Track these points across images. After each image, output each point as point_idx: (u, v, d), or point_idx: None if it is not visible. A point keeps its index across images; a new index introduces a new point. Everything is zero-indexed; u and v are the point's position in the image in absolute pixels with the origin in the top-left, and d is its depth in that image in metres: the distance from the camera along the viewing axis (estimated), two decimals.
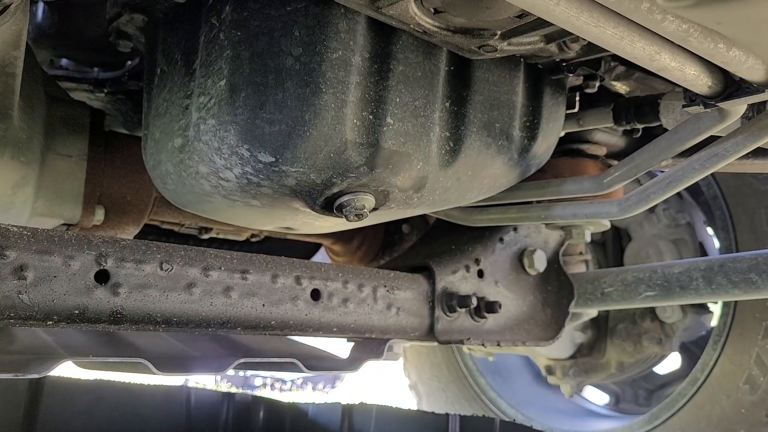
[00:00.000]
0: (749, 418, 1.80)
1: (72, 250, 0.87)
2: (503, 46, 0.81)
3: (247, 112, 0.76)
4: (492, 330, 1.42)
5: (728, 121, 0.92)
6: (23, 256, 0.84)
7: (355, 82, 0.79)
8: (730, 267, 1.39)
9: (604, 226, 1.48)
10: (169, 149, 0.88)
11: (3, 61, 0.86)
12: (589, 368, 2.25)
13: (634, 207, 1.16)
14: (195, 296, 0.96)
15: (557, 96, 1.02)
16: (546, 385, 2.55)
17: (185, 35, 0.86)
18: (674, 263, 1.52)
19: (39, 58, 1.28)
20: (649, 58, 0.67)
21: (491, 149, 0.94)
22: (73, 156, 1.15)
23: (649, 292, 1.53)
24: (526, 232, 1.55)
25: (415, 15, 0.73)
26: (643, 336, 2.18)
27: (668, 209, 2.23)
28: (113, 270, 0.90)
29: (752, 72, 0.70)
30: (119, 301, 0.90)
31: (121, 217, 1.26)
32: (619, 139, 1.52)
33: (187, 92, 0.84)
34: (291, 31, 0.76)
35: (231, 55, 0.77)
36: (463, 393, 2.56)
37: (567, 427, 2.34)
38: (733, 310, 1.87)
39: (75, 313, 0.87)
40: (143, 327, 0.92)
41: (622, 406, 2.57)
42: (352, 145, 0.80)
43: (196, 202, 0.95)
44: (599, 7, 0.59)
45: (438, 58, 0.87)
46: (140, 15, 0.93)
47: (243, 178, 0.82)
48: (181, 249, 0.97)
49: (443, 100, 0.88)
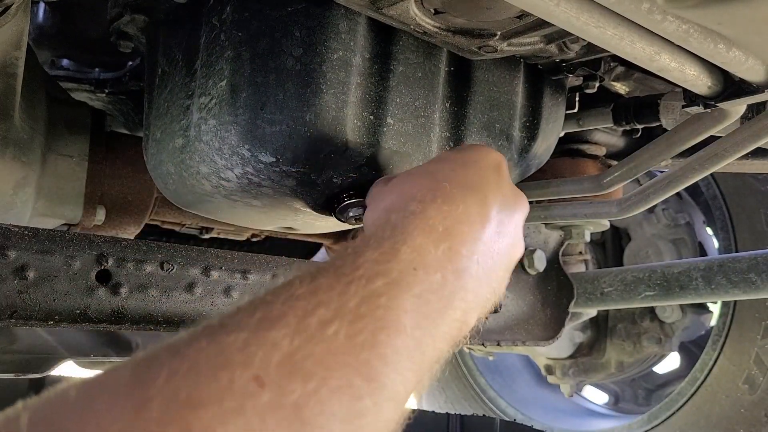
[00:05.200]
0: (749, 417, 1.81)
1: (73, 250, 0.87)
2: (503, 46, 0.81)
3: (247, 113, 0.77)
4: (492, 329, 1.43)
5: (728, 121, 0.93)
6: (24, 256, 0.84)
7: (355, 83, 0.79)
8: (729, 267, 1.40)
9: (603, 226, 1.48)
10: (170, 149, 0.88)
11: (4, 61, 0.86)
12: (588, 368, 2.26)
13: (633, 207, 1.16)
14: (196, 296, 0.96)
15: (557, 96, 1.03)
16: (546, 385, 2.55)
17: (186, 36, 0.87)
18: (674, 263, 1.52)
19: (40, 59, 1.28)
20: (649, 58, 0.68)
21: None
22: (75, 156, 1.15)
23: (649, 292, 1.53)
24: (526, 232, 1.56)
25: (415, 15, 0.74)
26: (643, 336, 2.18)
27: (668, 209, 2.23)
28: (114, 270, 0.90)
29: (752, 72, 0.71)
30: (120, 300, 0.90)
31: (122, 217, 1.26)
32: (619, 140, 1.53)
33: (188, 93, 0.85)
34: (291, 31, 0.76)
35: (232, 56, 0.77)
36: (462, 392, 2.56)
37: (566, 426, 2.34)
38: (733, 310, 1.88)
39: (76, 313, 0.87)
40: (144, 327, 0.92)
41: (621, 406, 2.58)
42: (353, 146, 0.80)
43: (197, 202, 0.95)
44: (599, 8, 0.60)
45: (438, 58, 0.87)
46: (141, 15, 0.93)
47: (244, 178, 0.83)
48: (182, 249, 0.97)
49: (443, 101, 0.89)
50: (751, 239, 1.88)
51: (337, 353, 0.40)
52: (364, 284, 0.46)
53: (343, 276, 0.46)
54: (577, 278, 1.62)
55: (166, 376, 0.35)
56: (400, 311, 0.46)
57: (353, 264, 0.48)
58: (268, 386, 0.36)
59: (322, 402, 0.38)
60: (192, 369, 0.35)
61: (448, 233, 0.56)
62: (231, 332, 0.38)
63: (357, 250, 0.50)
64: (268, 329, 0.39)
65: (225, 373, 0.35)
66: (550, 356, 2.24)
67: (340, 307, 0.43)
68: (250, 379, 0.36)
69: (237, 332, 0.38)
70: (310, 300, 0.42)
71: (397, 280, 0.48)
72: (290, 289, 0.44)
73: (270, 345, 0.38)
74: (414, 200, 0.58)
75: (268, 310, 0.41)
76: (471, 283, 0.56)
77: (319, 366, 0.39)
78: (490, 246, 0.60)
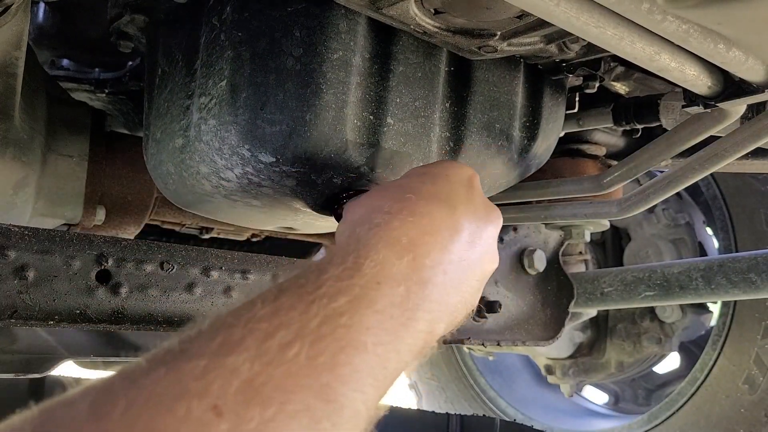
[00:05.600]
0: (748, 417, 1.81)
1: (73, 250, 0.87)
2: (503, 46, 0.81)
3: (247, 113, 0.77)
4: (492, 329, 1.43)
5: (728, 122, 0.93)
6: (24, 256, 0.84)
7: (355, 83, 0.79)
8: (729, 267, 1.40)
9: (603, 226, 1.48)
10: (170, 149, 0.88)
11: (4, 61, 0.86)
12: (588, 368, 2.26)
13: (633, 207, 1.16)
14: (196, 296, 0.96)
15: (557, 96, 1.03)
16: (545, 385, 2.55)
17: (186, 36, 0.87)
18: (674, 263, 1.52)
19: (40, 59, 1.28)
20: (649, 58, 0.68)
21: (491, 149, 0.94)
22: (75, 156, 1.15)
23: (649, 292, 1.53)
24: (526, 232, 1.56)
25: (415, 15, 0.74)
26: (643, 336, 2.18)
27: (667, 209, 2.23)
28: (114, 270, 0.90)
29: (752, 72, 0.71)
30: (120, 300, 0.90)
31: (122, 217, 1.26)
32: (619, 140, 1.53)
33: (188, 93, 0.85)
34: (291, 31, 0.76)
35: (232, 56, 0.77)
36: (462, 392, 2.56)
37: (566, 426, 2.34)
38: (733, 310, 1.88)
39: (76, 313, 0.87)
40: (144, 327, 0.92)
41: (621, 406, 2.58)
42: (353, 146, 0.80)
43: (197, 202, 0.95)
44: (599, 8, 0.60)
45: (438, 58, 0.87)
46: (141, 16, 0.93)
47: (244, 178, 0.83)
48: (182, 249, 0.97)
49: (443, 101, 0.89)
50: (751, 239, 1.88)
51: (297, 376, 0.40)
52: (326, 303, 0.45)
53: (306, 295, 0.46)
54: (577, 278, 1.62)
55: (123, 408, 0.34)
56: (361, 329, 0.46)
57: (316, 282, 0.47)
58: (225, 415, 0.36)
59: (280, 428, 0.37)
60: (149, 400, 0.35)
61: (412, 244, 0.56)
62: (191, 359, 0.38)
63: (320, 267, 0.50)
64: (227, 354, 0.39)
65: (182, 404, 0.35)
66: (550, 356, 2.24)
67: (302, 328, 0.43)
68: (207, 409, 0.35)
69: (197, 359, 0.38)
70: (272, 321, 0.42)
71: (360, 296, 0.48)
72: (252, 310, 0.43)
73: (229, 372, 0.38)
74: (379, 212, 0.59)
75: (229, 333, 0.41)
76: (436, 293, 0.55)
77: (278, 391, 0.39)
78: (459, 256, 0.60)
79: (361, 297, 0.48)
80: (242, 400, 0.37)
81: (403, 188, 0.63)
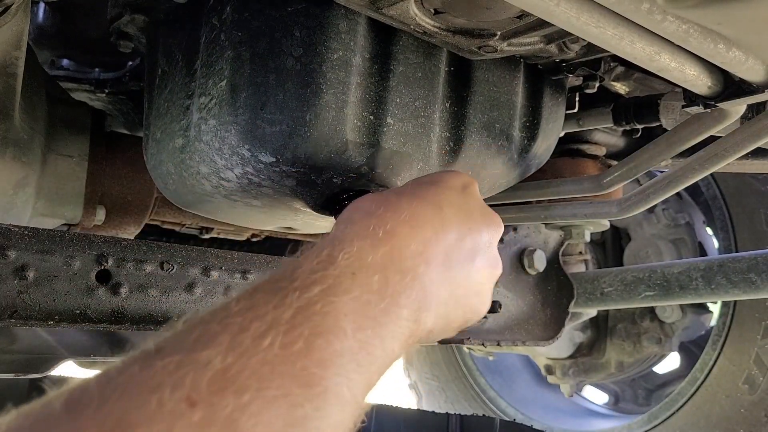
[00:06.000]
0: (748, 417, 1.81)
1: (73, 250, 0.87)
2: (503, 46, 0.81)
3: (247, 113, 0.77)
4: (492, 329, 1.43)
5: (728, 122, 0.93)
6: (24, 256, 0.84)
7: (355, 83, 0.79)
8: (729, 267, 1.40)
9: (603, 226, 1.48)
10: (170, 149, 0.88)
11: (4, 61, 0.86)
12: (588, 368, 2.26)
13: (633, 207, 1.16)
14: (196, 296, 0.96)
15: (557, 96, 1.03)
16: (545, 385, 2.55)
17: (186, 36, 0.87)
18: (674, 263, 1.52)
19: (40, 59, 1.28)
20: (649, 58, 0.68)
21: (491, 149, 0.94)
22: (75, 156, 1.15)
23: (649, 292, 1.53)
24: (526, 232, 1.56)
25: (415, 15, 0.74)
26: (643, 336, 2.18)
27: (667, 209, 2.23)
28: (114, 270, 0.90)
29: (752, 72, 0.71)
30: (120, 300, 0.90)
31: (122, 217, 1.26)
32: (619, 139, 1.53)
33: (188, 93, 0.85)
34: (291, 31, 0.76)
35: (232, 56, 0.77)
36: (462, 392, 2.57)
37: (566, 426, 2.34)
38: (733, 310, 1.88)
39: (76, 313, 0.87)
40: (144, 327, 0.92)
41: (621, 406, 2.58)
42: (353, 146, 0.80)
43: (197, 202, 0.95)
44: (599, 8, 0.60)
45: (438, 58, 0.87)
46: (141, 15, 0.93)
47: (244, 179, 0.83)
48: (182, 249, 0.97)
49: (443, 101, 0.89)
50: (751, 239, 1.88)
51: (273, 364, 0.40)
52: (299, 294, 0.46)
53: (280, 289, 0.46)
54: (577, 278, 1.62)
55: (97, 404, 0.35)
56: (339, 315, 0.46)
57: (290, 276, 0.48)
58: (199, 405, 0.36)
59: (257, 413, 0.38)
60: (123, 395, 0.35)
61: (389, 235, 0.56)
62: (165, 356, 0.38)
63: (295, 263, 0.50)
64: (201, 350, 0.39)
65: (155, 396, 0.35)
66: (550, 356, 2.24)
67: (275, 319, 0.43)
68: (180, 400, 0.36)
69: (171, 356, 0.38)
70: (246, 316, 0.43)
71: (334, 285, 0.48)
72: (228, 308, 0.44)
73: (203, 365, 0.38)
74: (359, 211, 0.60)
75: (204, 330, 0.41)
76: (419, 283, 0.56)
77: (253, 378, 0.39)
78: (445, 251, 0.60)
79: (335, 286, 0.48)
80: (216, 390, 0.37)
81: (391, 191, 0.65)
